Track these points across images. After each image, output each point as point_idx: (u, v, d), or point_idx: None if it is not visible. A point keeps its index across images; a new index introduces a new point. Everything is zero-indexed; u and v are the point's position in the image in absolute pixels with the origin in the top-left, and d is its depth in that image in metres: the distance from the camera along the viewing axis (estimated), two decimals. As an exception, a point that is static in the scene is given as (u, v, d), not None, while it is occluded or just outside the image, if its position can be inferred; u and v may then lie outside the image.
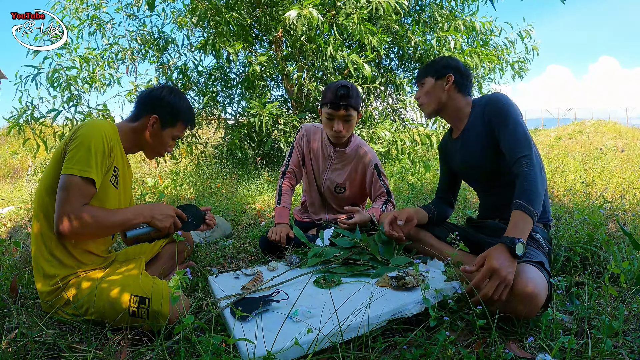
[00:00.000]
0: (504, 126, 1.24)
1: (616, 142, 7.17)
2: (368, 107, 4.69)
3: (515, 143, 1.20)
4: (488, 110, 1.31)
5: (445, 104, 1.40)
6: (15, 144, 6.37)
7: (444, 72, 1.38)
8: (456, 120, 1.44)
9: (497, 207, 1.41)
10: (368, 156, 1.80)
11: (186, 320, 0.83)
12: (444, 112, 1.44)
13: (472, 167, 1.42)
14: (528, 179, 1.11)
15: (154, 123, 1.25)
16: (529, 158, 1.15)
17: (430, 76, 1.41)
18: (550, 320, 0.99)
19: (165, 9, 4.61)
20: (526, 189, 1.10)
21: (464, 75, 1.39)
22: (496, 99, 1.31)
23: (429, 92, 1.41)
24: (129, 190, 1.32)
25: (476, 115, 1.37)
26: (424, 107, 1.44)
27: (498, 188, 1.38)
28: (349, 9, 3.62)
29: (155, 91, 1.28)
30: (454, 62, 1.41)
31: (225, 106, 4.90)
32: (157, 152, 1.31)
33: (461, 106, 1.40)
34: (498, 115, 1.27)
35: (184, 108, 1.29)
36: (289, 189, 1.84)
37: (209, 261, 1.76)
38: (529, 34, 5.04)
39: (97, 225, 1.07)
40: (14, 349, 0.95)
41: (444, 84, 1.38)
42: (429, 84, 1.41)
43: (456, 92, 1.39)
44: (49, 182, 1.12)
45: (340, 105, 1.61)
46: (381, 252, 1.42)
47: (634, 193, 2.64)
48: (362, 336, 0.95)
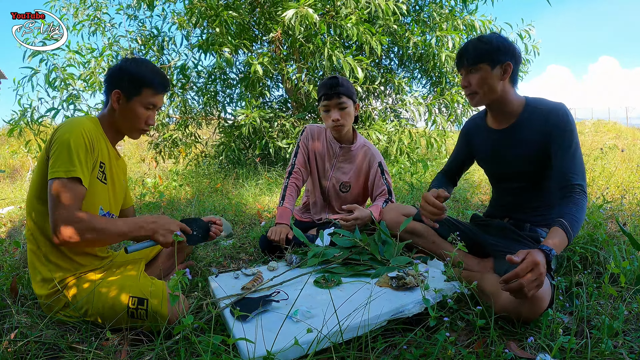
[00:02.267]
0: (566, 145, 1.20)
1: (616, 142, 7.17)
2: (367, 107, 4.69)
3: (574, 169, 1.17)
4: (552, 121, 1.22)
5: (500, 96, 1.27)
6: (15, 144, 6.36)
7: (502, 59, 1.22)
8: (501, 113, 1.33)
9: (511, 208, 1.40)
10: (373, 154, 1.83)
11: (186, 321, 0.83)
12: (495, 104, 1.31)
13: (506, 165, 1.37)
14: (578, 207, 1.11)
15: (118, 98, 1.18)
16: (584, 189, 1.15)
17: (485, 62, 1.22)
18: (550, 320, 0.99)
19: (165, 9, 4.62)
20: (573, 215, 1.09)
21: (519, 63, 1.26)
22: (563, 113, 1.23)
23: (485, 81, 1.23)
24: (120, 184, 1.29)
25: (534, 117, 1.27)
26: (475, 97, 1.28)
27: (522, 191, 1.36)
28: (348, 10, 3.62)
29: (113, 66, 1.21)
30: (511, 46, 1.23)
31: (225, 106, 4.91)
32: (135, 128, 1.23)
33: (513, 99, 1.29)
34: (562, 130, 1.21)
35: (145, 72, 1.19)
36: (293, 190, 1.84)
37: (209, 261, 1.76)
38: (528, 34, 5.04)
39: (96, 235, 1.03)
40: (14, 349, 0.95)
41: (502, 73, 1.23)
42: (484, 71, 1.23)
43: (510, 83, 1.27)
44: (36, 188, 1.11)
45: (332, 94, 1.66)
46: (381, 252, 1.42)
47: (634, 193, 2.64)
48: (362, 336, 0.95)
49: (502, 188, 1.46)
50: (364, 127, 4.34)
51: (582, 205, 1.11)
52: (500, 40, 1.23)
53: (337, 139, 1.82)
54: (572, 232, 1.06)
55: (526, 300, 0.97)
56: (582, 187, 1.15)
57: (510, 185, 1.40)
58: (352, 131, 1.84)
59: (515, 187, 1.38)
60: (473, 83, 1.26)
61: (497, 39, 1.24)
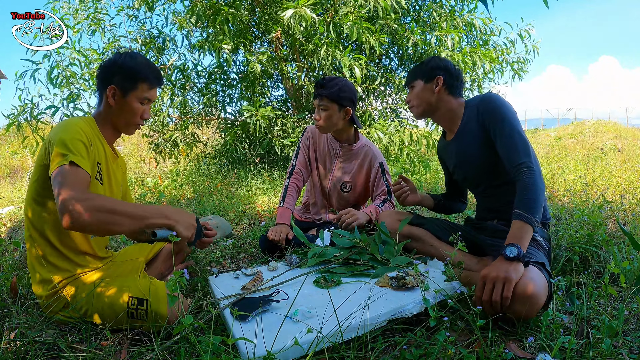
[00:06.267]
0: (500, 130, 1.23)
1: (616, 142, 7.17)
2: (367, 107, 4.69)
3: (514, 149, 1.18)
4: (482, 110, 1.30)
5: (435, 106, 1.39)
6: (15, 144, 6.36)
7: (433, 74, 1.37)
8: (448, 122, 1.42)
9: (495, 209, 1.41)
10: (374, 154, 1.83)
11: (185, 321, 0.83)
12: (434, 115, 1.42)
13: (467, 169, 1.41)
14: (529, 186, 1.11)
15: (114, 93, 1.15)
16: (528, 165, 1.14)
17: (419, 79, 1.40)
18: (550, 320, 0.99)
19: (165, 9, 4.62)
20: (526, 198, 1.09)
21: (454, 76, 1.37)
22: (489, 99, 1.29)
23: (419, 94, 1.40)
24: (118, 184, 1.27)
25: (470, 116, 1.35)
26: (413, 109, 1.44)
27: (495, 189, 1.37)
28: (347, 8, 3.62)
29: (106, 62, 1.18)
30: (443, 63, 1.39)
31: (225, 106, 4.91)
32: (131, 123, 1.20)
33: (453, 108, 1.39)
34: (493, 117, 1.26)
35: (140, 66, 1.16)
36: (294, 190, 1.84)
37: (209, 261, 1.76)
38: (528, 34, 5.04)
39: (107, 217, 0.94)
40: (14, 349, 0.95)
41: (434, 86, 1.37)
42: (418, 87, 1.40)
43: (446, 94, 1.38)
44: (34, 190, 1.10)
45: (315, 95, 1.71)
46: (381, 252, 1.42)
47: (634, 193, 2.64)
48: (362, 336, 0.95)
49: (479, 194, 1.48)
50: (364, 126, 4.34)
51: (531, 183, 1.11)
52: (434, 60, 1.40)
53: (337, 139, 1.82)
54: (531, 215, 1.07)
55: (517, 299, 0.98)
56: (525, 164, 1.15)
57: (485, 188, 1.42)
58: (354, 131, 1.84)
59: (489, 187, 1.40)
60: (411, 98, 1.43)
61: (432, 59, 1.40)
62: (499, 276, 0.98)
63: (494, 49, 4.96)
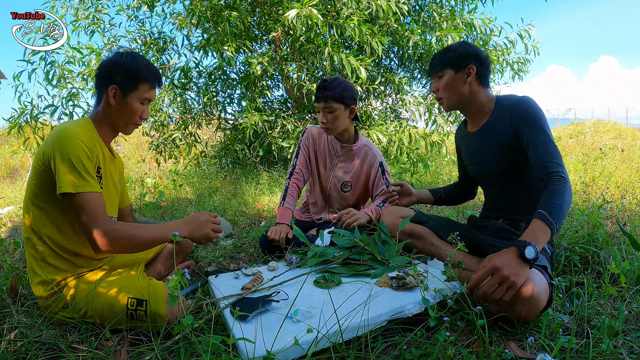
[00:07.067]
0: (536, 136, 1.19)
1: (616, 142, 7.17)
2: (367, 107, 4.69)
3: (549, 157, 1.15)
4: (518, 113, 1.24)
5: (468, 97, 1.31)
6: (15, 144, 6.37)
7: (465, 63, 1.27)
8: (476, 115, 1.36)
9: (503, 209, 1.40)
10: (374, 154, 1.83)
11: (185, 321, 0.83)
12: (464, 106, 1.35)
13: (484, 167, 1.38)
14: (558, 194, 1.08)
15: (115, 93, 1.15)
16: (561, 175, 1.12)
17: (448, 67, 1.29)
18: (550, 320, 0.99)
19: (165, 9, 4.62)
20: (553, 203, 1.06)
21: (485, 65, 1.29)
22: (527, 104, 1.24)
23: (449, 85, 1.29)
24: (115, 185, 1.27)
25: (501, 114, 1.29)
26: (443, 101, 1.34)
27: (507, 191, 1.36)
28: (349, 10, 3.62)
29: (106, 61, 1.17)
30: (473, 49, 1.28)
31: (225, 106, 4.91)
32: (130, 122, 1.21)
33: (483, 100, 1.32)
34: (528, 121, 1.21)
35: (141, 67, 1.16)
36: (294, 190, 1.84)
37: (209, 261, 1.76)
38: (528, 34, 5.04)
39: (131, 243, 1.07)
40: (14, 349, 0.95)
41: (465, 76, 1.28)
42: (448, 77, 1.29)
43: (478, 85, 1.30)
44: (32, 192, 1.10)
45: (319, 98, 1.68)
46: (381, 252, 1.42)
47: (634, 193, 2.64)
48: (361, 336, 0.95)
49: (490, 192, 1.47)
50: (364, 127, 4.34)
51: (561, 191, 1.08)
52: (463, 46, 1.29)
53: (338, 139, 1.83)
54: (554, 220, 1.03)
55: (518, 300, 0.97)
56: (559, 173, 1.12)
57: (497, 187, 1.40)
58: (354, 131, 1.84)
59: (502, 188, 1.38)
60: (440, 88, 1.33)
61: (460, 45, 1.30)
62: (509, 278, 0.95)
63: (494, 49, 4.96)
